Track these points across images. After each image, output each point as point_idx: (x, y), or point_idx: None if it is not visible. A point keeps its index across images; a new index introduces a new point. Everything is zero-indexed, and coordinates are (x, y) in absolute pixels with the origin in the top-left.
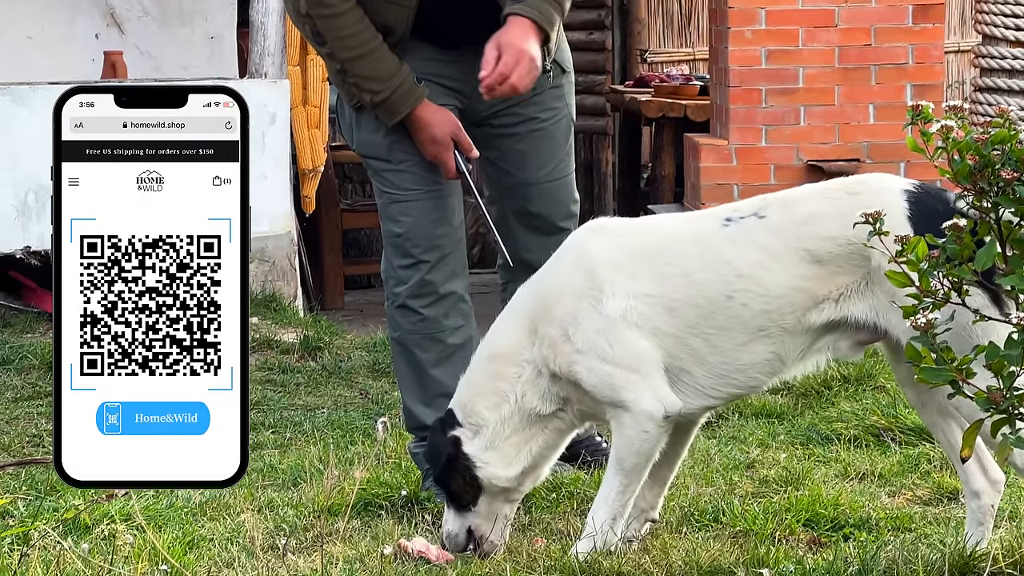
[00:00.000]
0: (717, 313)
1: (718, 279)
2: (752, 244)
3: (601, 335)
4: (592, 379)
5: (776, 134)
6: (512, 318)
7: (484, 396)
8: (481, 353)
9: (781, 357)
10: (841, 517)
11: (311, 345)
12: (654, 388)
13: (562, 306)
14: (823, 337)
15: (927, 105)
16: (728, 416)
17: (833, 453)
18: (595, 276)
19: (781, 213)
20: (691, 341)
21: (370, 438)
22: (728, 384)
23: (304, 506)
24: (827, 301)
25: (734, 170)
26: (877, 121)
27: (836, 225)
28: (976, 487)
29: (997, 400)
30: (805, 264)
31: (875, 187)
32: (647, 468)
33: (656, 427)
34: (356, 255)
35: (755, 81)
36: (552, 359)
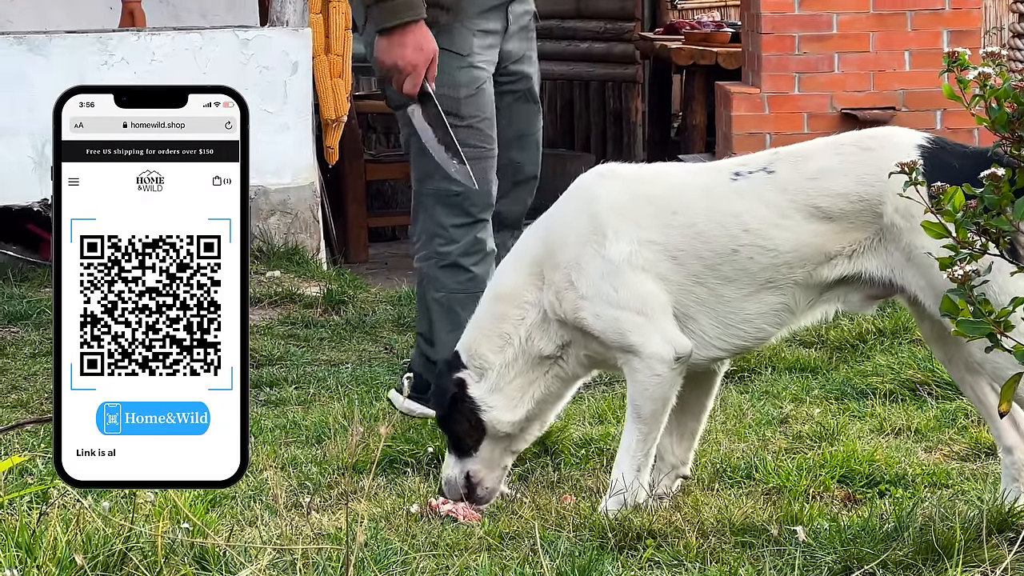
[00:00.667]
0: (723, 265)
1: (724, 233)
2: (760, 200)
3: (606, 279)
4: (599, 324)
5: (809, 82)
6: (516, 260)
7: (488, 338)
8: (486, 295)
9: (790, 308)
10: (876, 473)
11: (335, 299)
12: (663, 330)
13: (566, 251)
14: (834, 289)
15: (964, 52)
16: (761, 371)
17: (868, 408)
18: (599, 221)
19: (791, 168)
20: (696, 290)
21: None
22: (734, 335)
23: (328, 463)
24: (840, 257)
25: (766, 119)
26: (913, 68)
27: (847, 181)
28: (1009, 443)
29: None
30: (815, 220)
31: (888, 142)
32: (665, 414)
33: (668, 370)
34: (380, 207)
35: (788, 27)
36: (558, 306)
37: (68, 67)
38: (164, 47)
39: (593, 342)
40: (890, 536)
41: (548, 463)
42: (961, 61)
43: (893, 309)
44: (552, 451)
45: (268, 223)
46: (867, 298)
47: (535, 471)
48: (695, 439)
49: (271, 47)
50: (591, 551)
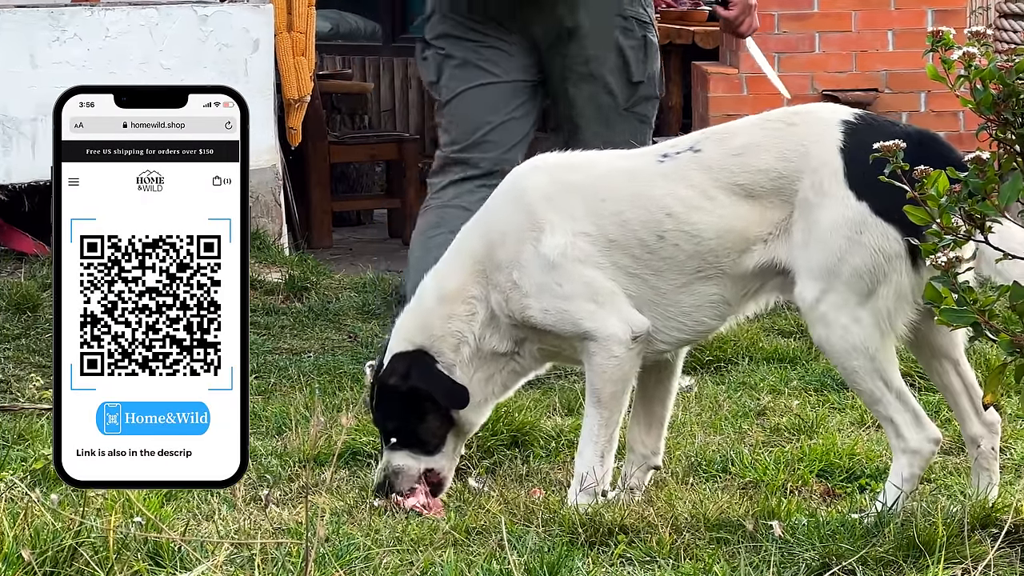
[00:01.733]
0: (652, 254)
1: (649, 219)
2: (684, 181)
3: (548, 275)
4: (549, 319)
5: (790, 62)
6: (456, 259)
7: (444, 339)
8: (428, 298)
9: (727, 299)
10: (856, 467)
11: (297, 285)
12: (617, 311)
13: (506, 250)
14: (762, 279)
15: (948, 32)
16: (738, 361)
17: (848, 400)
18: (534, 215)
19: (716, 146)
20: (633, 283)
21: (359, 383)
22: (674, 328)
23: (289, 455)
24: (758, 243)
25: (745, 100)
26: (896, 49)
27: (768, 157)
28: (972, 432)
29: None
30: (737, 200)
31: (813, 117)
32: (626, 396)
33: (625, 349)
34: (345, 191)
35: (768, 6)
36: (505, 306)
37: (17, 43)
38: (119, 23)
39: (548, 336)
40: (870, 532)
41: (517, 455)
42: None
43: None
44: (521, 443)
45: None
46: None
47: (503, 464)
48: (664, 426)
49: (231, 24)
50: (561, 546)
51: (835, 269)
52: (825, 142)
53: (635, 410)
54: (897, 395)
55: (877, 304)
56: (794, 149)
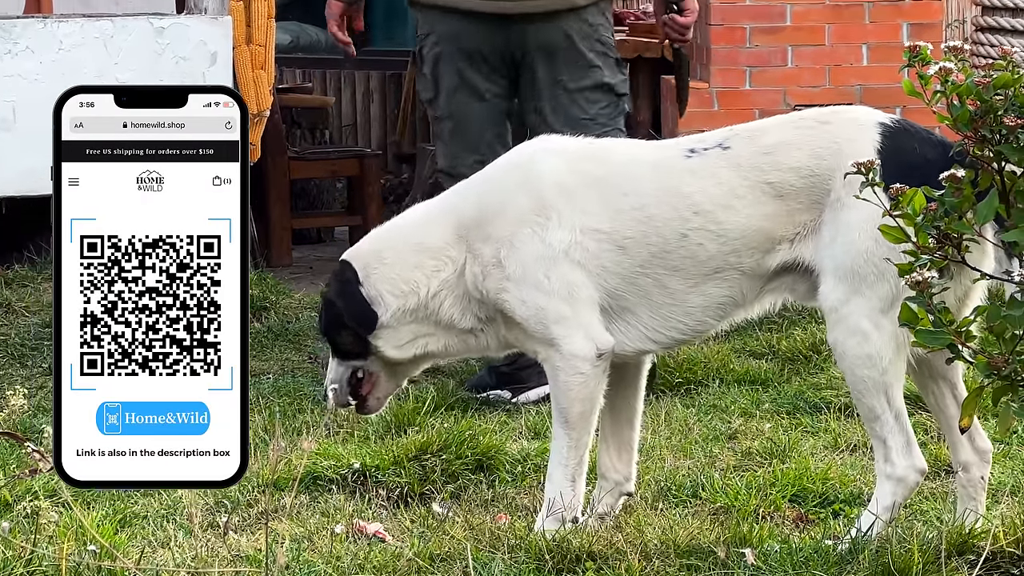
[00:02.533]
0: (671, 252)
1: (674, 215)
2: (713, 178)
3: (539, 264)
4: (522, 311)
5: (761, 76)
6: (444, 216)
7: (393, 282)
8: (408, 239)
9: (735, 300)
10: (830, 492)
11: (256, 305)
12: (586, 326)
13: (500, 225)
14: (779, 278)
15: (925, 46)
16: (708, 383)
17: (822, 423)
18: (542, 201)
19: (747, 143)
20: (640, 281)
21: (320, 406)
22: (673, 327)
23: (248, 480)
24: (784, 242)
25: (716, 115)
26: (871, 63)
27: (801, 155)
28: (963, 458)
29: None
30: (766, 200)
31: (848, 117)
32: (594, 416)
33: (591, 367)
34: (305, 207)
35: (739, 18)
36: (481, 280)
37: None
38: (73, 35)
39: (515, 329)
40: (844, 559)
41: (482, 480)
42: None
43: None
44: (486, 467)
45: None
46: (813, 286)
47: (468, 488)
48: (634, 450)
49: (188, 36)
50: (527, 574)
51: (861, 271)
52: (861, 142)
53: (603, 435)
54: (896, 416)
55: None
56: (828, 147)
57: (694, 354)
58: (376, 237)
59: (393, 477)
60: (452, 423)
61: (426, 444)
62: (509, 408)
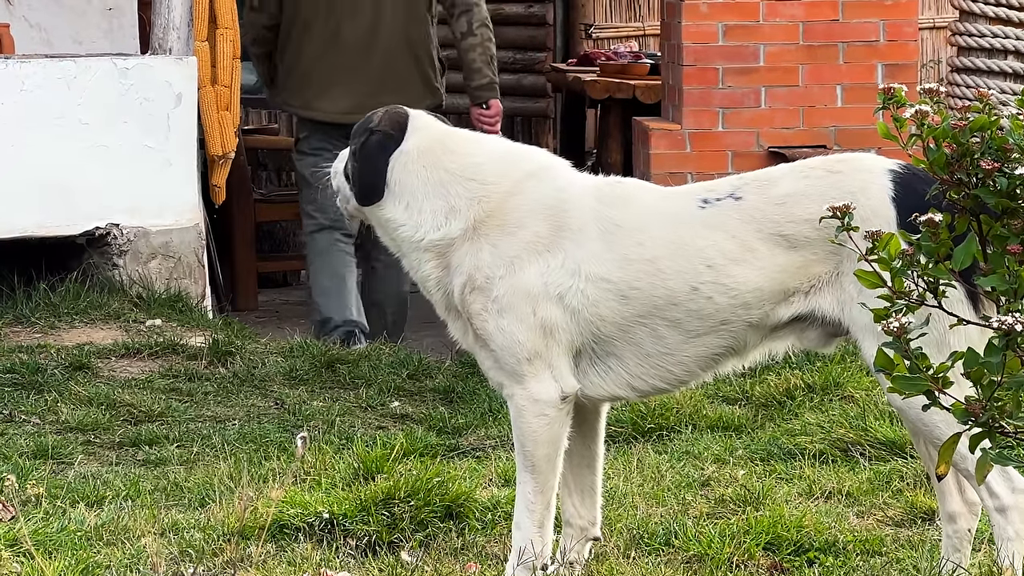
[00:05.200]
0: (678, 305)
1: (687, 268)
2: (727, 231)
3: (529, 299)
4: (500, 339)
5: (734, 118)
6: (477, 188)
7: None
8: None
9: (734, 349)
10: (805, 540)
11: (221, 350)
12: (555, 367)
13: (510, 241)
14: (787, 327)
15: (900, 88)
16: (680, 429)
17: (796, 470)
18: (559, 236)
19: (758, 194)
20: (635, 330)
21: (287, 453)
22: (658, 376)
23: (213, 528)
24: (798, 294)
25: (688, 157)
26: (845, 104)
27: (815, 207)
28: (951, 509)
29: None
30: (780, 252)
31: (858, 166)
32: (559, 458)
33: (556, 410)
34: (271, 250)
35: (711, 59)
36: (464, 285)
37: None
38: (35, 76)
39: (483, 351)
40: None
41: (452, 528)
42: (898, 98)
43: (824, 363)
44: (456, 515)
45: (148, 267)
46: (825, 335)
47: (437, 537)
48: (597, 494)
49: (153, 77)
50: None
51: None
52: (873, 191)
53: (565, 481)
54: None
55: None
56: (842, 198)
57: (666, 400)
58: (440, 137)
59: (361, 525)
60: (421, 470)
61: (394, 491)
62: (479, 455)
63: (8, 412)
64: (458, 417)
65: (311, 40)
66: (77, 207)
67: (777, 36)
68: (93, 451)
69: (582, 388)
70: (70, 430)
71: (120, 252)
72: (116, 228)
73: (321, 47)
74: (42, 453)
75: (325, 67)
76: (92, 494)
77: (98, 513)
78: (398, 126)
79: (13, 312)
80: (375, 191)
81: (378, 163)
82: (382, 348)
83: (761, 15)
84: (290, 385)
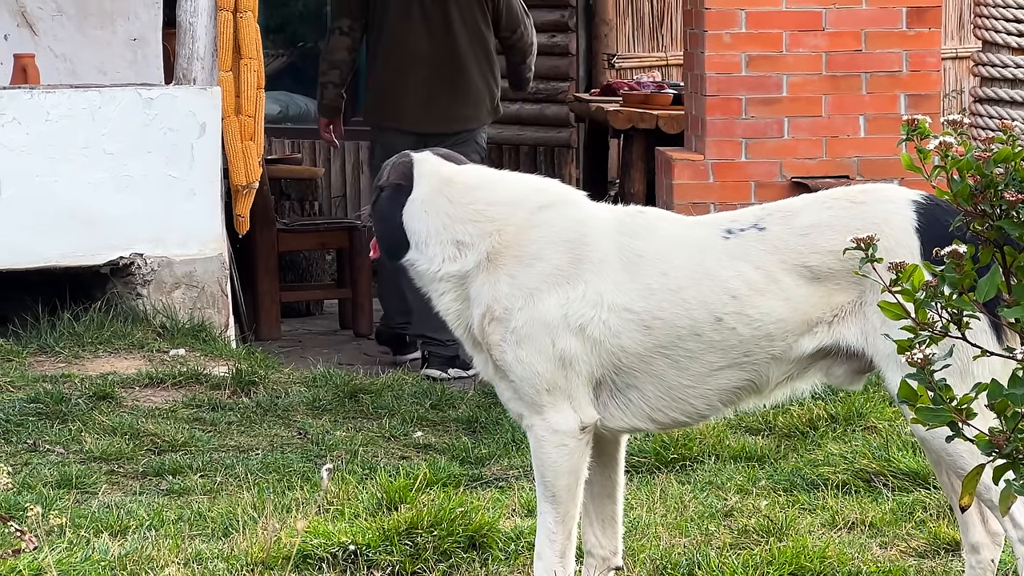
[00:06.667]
0: (701, 336)
1: (711, 298)
2: (750, 262)
3: (549, 330)
4: (519, 370)
5: (757, 148)
6: (487, 223)
7: (429, 229)
8: (468, 205)
9: (756, 384)
10: (828, 571)
11: (244, 379)
12: (574, 398)
13: (529, 273)
14: (814, 363)
15: (924, 119)
16: (703, 459)
17: (819, 500)
18: (579, 268)
19: (781, 224)
20: (657, 361)
21: (310, 483)
22: (678, 409)
23: (236, 559)
24: (821, 324)
25: (711, 188)
26: (868, 134)
27: (838, 237)
28: (975, 540)
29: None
30: (804, 282)
31: (881, 196)
32: (579, 488)
33: (575, 440)
34: (294, 280)
35: (734, 90)
36: (482, 315)
37: None
38: (60, 106)
39: (503, 382)
40: None
41: (475, 558)
42: (921, 130)
43: (846, 394)
44: (479, 545)
45: (172, 297)
46: (852, 372)
47: (460, 567)
48: (618, 523)
49: (177, 107)
50: None
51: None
52: (897, 222)
53: (586, 511)
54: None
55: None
56: (866, 229)
57: (689, 430)
58: (448, 177)
59: (384, 555)
60: (444, 500)
61: (417, 521)
62: (502, 485)
63: (32, 442)
64: (481, 447)
65: (394, 60)
66: (101, 237)
67: (800, 66)
68: (117, 481)
69: (602, 420)
70: (94, 460)
71: (144, 281)
72: (140, 258)
73: (402, 66)
74: (66, 483)
75: (407, 83)
76: (116, 524)
77: (122, 543)
78: (405, 177)
79: (38, 342)
80: (400, 245)
81: (394, 218)
82: (404, 378)
83: (784, 45)
84: (313, 415)
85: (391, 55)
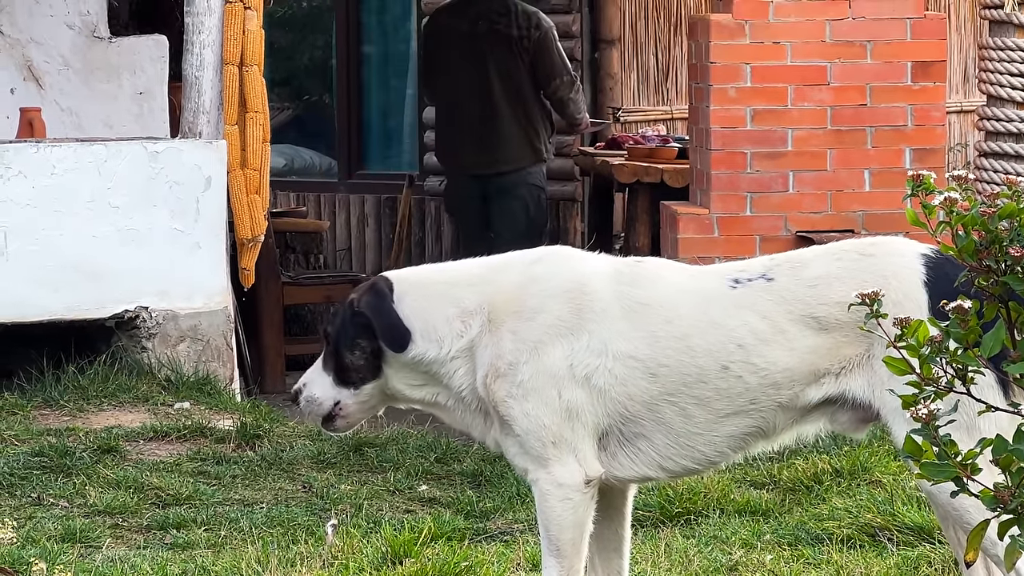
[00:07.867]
0: (707, 383)
1: (717, 347)
2: (758, 311)
3: (555, 381)
4: (525, 423)
5: (762, 202)
6: (482, 285)
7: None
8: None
9: (763, 431)
10: None
11: (249, 433)
12: (579, 452)
13: (531, 328)
14: (819, 409)
15: (929, 175)
16: (708, 513)
17: (824, 555)
18: (580, 318)
19: (789, 275)
20: (664, 409)
21: (315, 536)
22: (688, 456)
23: None
24: (828, 375)
25: (716, 242)
26: (873, 188)
27: (846, 289)
28: None
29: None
30: (811, 334)
31: (890, 249)
32: (584, 542)
33: (580, 494)
34: (298, 333)
35: (739, 144)
36: (490, 381)
37: None
38: (66, 160)
39: (509, 438)
40: None
41: None
42: (926, 185)
43: (851, 447)
44: None
45: (177, 350)
46: (856, 420)
47: None
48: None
49: (182, 160)
50: None
51: None
52: (905, 275)
53: (592, 564)
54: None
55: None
56: (874, 282)
57: (694, 484)
58: (422, 272)
59: None
60: (449, 553)
61: (422, 575)
62: (507, 539)
63: (36, 495)
64: (486, 501)
65: (450, 114)
66: (106, 290)
67: (805, 120)
68: (121, 535)
69: (612, 470)
70: (98, 513)
71: (149, 335)
72: (145, 311)
73: (456, 119)
74: (70, 537)
75: (455, 132)
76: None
77: None
78: (379, 287)
79: (42, 395)
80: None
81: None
82: (409, 432)
83: (789, 100)
84: (318, 468)
85: (442, 109)
